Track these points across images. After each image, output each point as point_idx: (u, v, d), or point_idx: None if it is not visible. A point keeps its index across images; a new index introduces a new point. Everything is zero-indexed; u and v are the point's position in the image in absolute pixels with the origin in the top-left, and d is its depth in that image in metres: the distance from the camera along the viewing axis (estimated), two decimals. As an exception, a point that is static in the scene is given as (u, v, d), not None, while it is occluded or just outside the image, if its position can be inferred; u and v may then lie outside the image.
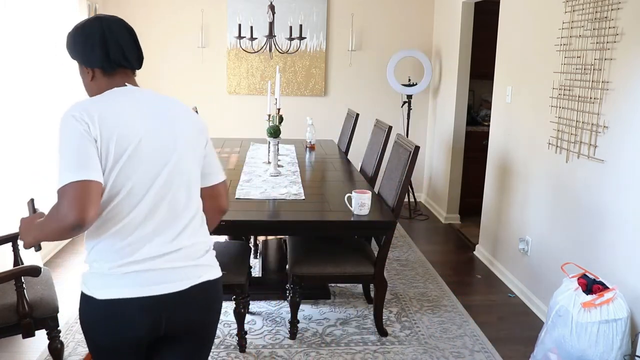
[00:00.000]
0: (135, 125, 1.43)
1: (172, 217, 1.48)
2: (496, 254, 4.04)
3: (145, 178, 1.43)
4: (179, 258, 1.49)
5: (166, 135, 1.48)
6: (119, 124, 1.40)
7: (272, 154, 3.43)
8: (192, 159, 1.53)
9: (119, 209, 1.42)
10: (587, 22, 2.88)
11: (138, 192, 1.42)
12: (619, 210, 2.63)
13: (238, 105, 5.54)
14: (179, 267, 1.48)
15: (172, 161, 1.47)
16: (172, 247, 1.47)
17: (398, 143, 3.19)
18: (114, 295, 1.43)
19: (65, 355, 2.69)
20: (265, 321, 3.13)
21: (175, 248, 1.48)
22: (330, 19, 5.53)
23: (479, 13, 4.83)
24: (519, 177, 3.68)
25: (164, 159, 1.46)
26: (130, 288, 1.43)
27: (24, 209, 2.16)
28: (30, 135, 3.86)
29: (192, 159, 1.53)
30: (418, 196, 5.93)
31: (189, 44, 5.34)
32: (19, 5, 3.65)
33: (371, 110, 5.61)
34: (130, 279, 1.44)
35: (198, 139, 1.57)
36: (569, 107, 3.05)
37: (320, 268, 2.88)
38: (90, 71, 1.54)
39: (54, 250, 4.12)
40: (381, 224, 2.72)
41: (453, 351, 2.87)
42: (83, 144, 1.34)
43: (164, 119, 1.50)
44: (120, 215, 1.42)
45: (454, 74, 4.99)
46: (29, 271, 2.27)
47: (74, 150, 1.34)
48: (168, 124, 1.50)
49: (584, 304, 2.38)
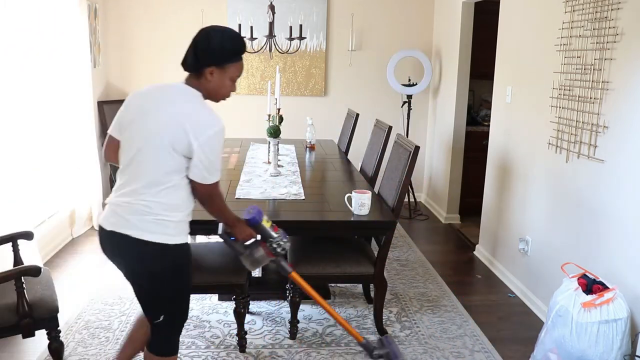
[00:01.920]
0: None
1: (132, 180, 1.92)
2: (496, 254, 4.04)
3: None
4: (121, 208, 1.93)
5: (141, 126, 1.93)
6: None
7: (272, 154, 3.43)
8: (152, 148, 1.88)
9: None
10: (587, 22, 2.88)
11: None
12: (619, 210, 2.63)
13: (238, 105, 5.54)
14: (117, 213, 1.94)
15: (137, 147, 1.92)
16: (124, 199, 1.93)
17: (398, 143, 3.19)
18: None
19: (65, 355, 2.69)
20: (265, 321, 3.13)
21: (125, 201, 1.93)
22: (330, 19, 5.53)
23: (479, 13, 4.83)
24: (519, 177, 3.68)
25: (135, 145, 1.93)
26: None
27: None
28: (30, 136, 3.87)
29: (152, 149, 1.88)
30: (418, 196, 5.93)
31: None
32: (19, 6, 3.65)
33: (371, 110, 5.61)
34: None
35: (168, 135, 1.86)
36: (569, 107, 3.05)
37: (320, 268, 2.88)
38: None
39: (54, 250, 4.12)
40: (381, 224, 2.72)
41: (453, 351, 2.87)
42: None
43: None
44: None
45: (454, 74, 4.99)
46: (29, 271, 2.27)
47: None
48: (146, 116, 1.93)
49: (584, 304, 2.38)
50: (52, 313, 2.37)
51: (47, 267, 3.61)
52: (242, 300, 2.73)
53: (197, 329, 3.02)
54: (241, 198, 2.91)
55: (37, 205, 3.96)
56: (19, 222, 3.31)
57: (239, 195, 2.95)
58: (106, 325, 3.04)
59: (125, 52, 5.39)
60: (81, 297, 3.38)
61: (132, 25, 5.36)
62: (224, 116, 2.15)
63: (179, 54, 2.13)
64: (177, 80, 2.08)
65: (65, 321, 3.04)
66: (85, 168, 4.59)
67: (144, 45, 5.38)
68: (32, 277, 2.30)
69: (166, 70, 5.35)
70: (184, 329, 2.97)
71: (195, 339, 2.91)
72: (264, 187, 3.14)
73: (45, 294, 2.41)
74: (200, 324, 3.08)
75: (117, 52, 5.38)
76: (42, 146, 4.11)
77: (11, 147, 3.36)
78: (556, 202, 3.21)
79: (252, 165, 3.71)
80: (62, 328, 2.79)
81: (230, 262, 2.79)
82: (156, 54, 5.37)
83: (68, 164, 4.45)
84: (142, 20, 5.34)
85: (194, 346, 2.84)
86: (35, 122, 3.98)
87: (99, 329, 2.99)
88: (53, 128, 4.30)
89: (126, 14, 5.34)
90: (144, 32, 5.37)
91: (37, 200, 3.96)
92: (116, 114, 2.05)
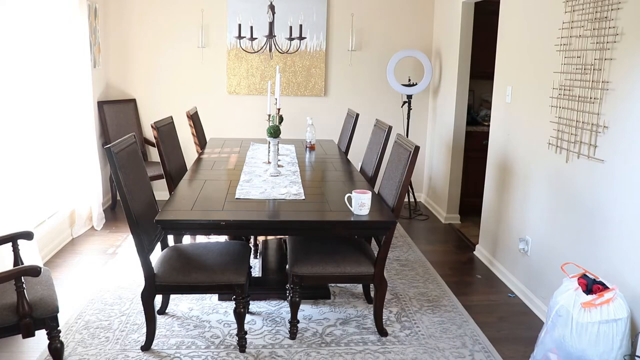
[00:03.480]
0: None
1: None
2: (496, 254, 4.04)
3: None
4: None
5: None
6: None
7: (272, 154, 3.43)
8: None
9: None
10: (587, 22, 2.88)
11: None
12: (619, 210, 2.63)
13: (238, 106, 5.54)
14: None
15: None
16: None
17: (398, 143, 3.19)
18: None
19: (65, 355, 2.69)
20: (265, 321, 3.13)
21: None
22: (330, 19, 5.53)
23: (479, 13, 4.83)
24: (519, 177, 3.68)
25: None
26: None
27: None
28: (30, 136, 3.87)
29: None
30: (418, 196, 5.93)
31: (189, 44, 5.34)
32: (19, 6, 3.65)
33: (371, 110, 5.62)
34: None
35: None
36: (569, 107, 3.05)
37: (320, 268, 2.88)
38: None
39: (54, 250, 4.12)
40: (381, 224, 2.72)
41: (453, 351, 2.87)
42: None
43: None
44: None
45: (454, 74, 4.99)
46: (29, 271, 2.27)
47: None
48: None
49: (584, 304, 2.38)
50: (52, 313, 2.37)
51: (47, 267, 3.61)
52: (242, 300, 2.73)
53: (197, 329, 3.02)
54: (241, 198, 2.91)
55: (37, 205, 3.96)
56: (19, 222, 3.31)
57: (239, 195, 2.95)
58: (106, 325, 3.04)
59: (125, 52, 5.39)
60: (81, 297, 3.38)
61: (132, 25, 5.36)
62: (224, 116, 2.16)
63: (179, 54, 2.13)
64: (176, 80, 2.08)
65: (65, 321, 3.04)
66: (85, 168, 4.59)
67: (144, 45, 5.38)
68: (32, 277, 2.30)
69: (166, 70, 5.36)
70: (184, 328, 2.99)
71: (195, 339, 2.91)
72: (264, 187, 3.14)
73: (45, 294, 2.40)
74: (200, 324, 3.08)
75: (117, 52, 5.38)
76: (42, 146, 4.11)
77: (11, 147, 3.36)
78: (556, 202, 3.21)
79: (252, 165, 3.71)
80: (62, 328, 2.80)
81: (230, 262, 2.79)
82: (156, 54, 5.37)
83: (68, 164, 4.46)
84: (142, 21, 5.35)
85: (194, 346, 2.84)
86: (35, 122, 3.98)
87: (99, 329, 3.00)
88: (53, 128, 4.30)
89: (126, 14, 5.35)
90: (144, 32, 5.37)
91: (37, 200, 3.96)
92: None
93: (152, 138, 5.24)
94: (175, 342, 2.87)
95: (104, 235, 4.57)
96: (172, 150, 3.75)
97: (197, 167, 3.66)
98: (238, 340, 2.81)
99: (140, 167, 2.94)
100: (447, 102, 5.23)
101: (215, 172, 3.51)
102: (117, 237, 4.50)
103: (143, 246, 2.65)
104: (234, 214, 2.65)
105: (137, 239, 2.63)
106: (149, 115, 5.43)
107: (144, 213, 2.76)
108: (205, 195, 2.96)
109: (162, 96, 5.44)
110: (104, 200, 5.25)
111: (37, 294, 2.38)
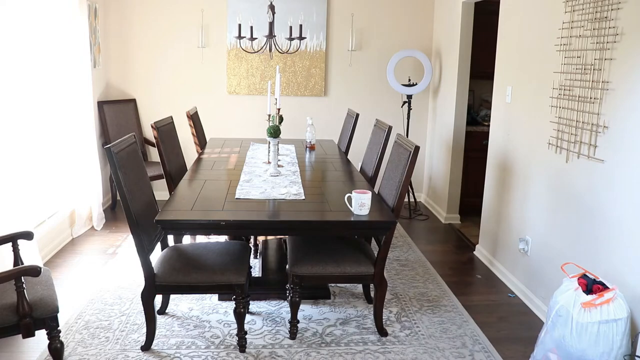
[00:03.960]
0: None
1: None
2: (496, 254, 4.04)
3: None
4: None
5: None
6: None
7: (272, 154, 3.43)
8: None
9: None
10: (587, 22, 2.88)
11: None
12: (619, 210, 2.63)
13: (238, 106, 5.54)
14: None
15: None
16: None
17: (398, 143, 3.19)
18: None
19: (65, 355, 2.69)
20: (265, 321, 3.13)
21: None
22: (330, 19, 5.53)
23: (479, 13, 4.83)
24: (518, 177, 3.68)
25: None
26: None
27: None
28: (30, 136, 3.87)
29: None
30: (418, 196, 5.93)
31: (189, 44, 5.34)
32: (19, 6, 3.65)
33: (371, 110, 5.62)
34: None
35: None
36: (569, 107, 3.05)
37: (320, 268, 2.88)
38: None
39: (54, 250, 4.12)
40: (381, 224, 2.72)
41: (453, 351, 2.87)
42: None
43: None
44: None
45: (454, 74, 4.99)
46: (29, 271, 2.27)
47: None
48: None
49: (584, 304, 2.38)
50: (52, 313, 2.37)
51: (47, 267, 3.61)
52: (242, 300, 2.73)
53: (197, 329, 3.02)
54: (241, 198, 2.91)
55: (37, 205, 3.96)
56: (19, 222, 3.31)
57: (239, 195, 2.95)
58: (106, 325, 3.04)
59: (125, 52, 5.39)
60: (81, 297, 3.38)
61: (132, 25, 5.36)
62: (224, 116, 2.15)
63: (179, 54, 2.13)
64: (176, 80, 2.07)
65: (65, 321, 3.04)
66: (85, 168, 4.59)
67: (144, 45, 5.38)
68: (32, 277, 2.30)
69: (166, 70, 5.36)
70: (184, 328, 2.99)
71: (195, 339, 2.91)
72: (264, 187, 3.14)
73: (45, 294, 2.40)
74: (200, 324, 3.08)
75: (117, 52, 5.38)
76: (42, 146, 4.11)
77: (11, 147, 3.36)
78: (556, 202, 3.21)
79: (252, 165, 3.71)
80: (62, 328, 2.80)
81: (230, 262, 2.79)
82: (156, 54, 5.37)
83: (68, 164, 4.46)
84: (142, 21, 5.34)
85: (194, 346, 2.84)
86: (35, 122, 3.98)
87: (99, 329, 3.00)
88: (53, 128, 4.30)
89: (126, 14, 5.34)
90: (144, 32, 5.37)
91: (37, 200, 3.96)
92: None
93: (152, 138, 5.24)
94: (175, 342, 2.87)
95: (104, 235, 4.57)
96: (172, 150, 3.75)
97: (197, 167, 3.66)
98: (238, 340, 2.81)
99: (140, 167, 2.94)
100: (447, 102, 5.23)
101: (215, 172, 3.51)
102: (117, 237, 4.51)
103: (143, 246, 2.65)
104: (234, 214, 2.65)
105: (137, 239, 2.63)
106: (149, 115, 5.43)
107: (144, 213, 2.76)
108: (205, 195, 2.96)
109: (162, 96, 5.44)
110: (104, 200, 5.25)
111: (37, 294, 2.38)
